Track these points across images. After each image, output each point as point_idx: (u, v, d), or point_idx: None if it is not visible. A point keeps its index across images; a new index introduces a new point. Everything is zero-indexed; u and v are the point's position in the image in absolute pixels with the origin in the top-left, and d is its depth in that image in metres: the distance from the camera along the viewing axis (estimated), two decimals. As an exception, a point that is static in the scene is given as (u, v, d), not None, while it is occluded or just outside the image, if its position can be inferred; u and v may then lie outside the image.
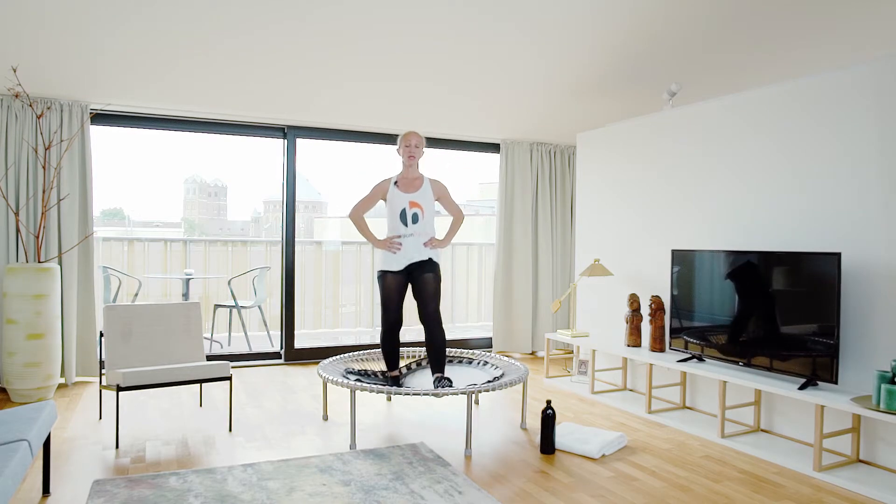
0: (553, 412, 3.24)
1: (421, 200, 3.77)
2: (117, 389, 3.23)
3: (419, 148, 3.82)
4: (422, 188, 3.80)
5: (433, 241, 3.78)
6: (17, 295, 4.07)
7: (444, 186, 3.90)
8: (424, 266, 3.74)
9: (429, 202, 3.81)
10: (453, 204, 3.96)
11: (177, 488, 2.67)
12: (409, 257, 3.74)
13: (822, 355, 3.11)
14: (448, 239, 3.88)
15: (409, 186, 3.80)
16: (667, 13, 4.08)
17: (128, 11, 3.71)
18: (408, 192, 3.78)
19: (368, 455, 3.12)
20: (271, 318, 6.34)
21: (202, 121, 5.13)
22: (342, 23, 4.00)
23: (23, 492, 2.67)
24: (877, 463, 3.05)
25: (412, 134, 3.83)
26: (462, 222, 3.97)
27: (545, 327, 6.04)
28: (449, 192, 3.92)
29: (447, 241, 3.86)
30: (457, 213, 3.97)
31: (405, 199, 3.76)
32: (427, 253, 3.75)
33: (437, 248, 3.79)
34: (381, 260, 3.81)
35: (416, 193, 3.78)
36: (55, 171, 4.48)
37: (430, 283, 3.71)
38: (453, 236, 3.93)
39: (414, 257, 3.74)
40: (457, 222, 3.96)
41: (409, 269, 3.76)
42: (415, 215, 3.74)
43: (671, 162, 4.33)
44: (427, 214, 3.78)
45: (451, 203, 3.95)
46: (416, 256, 3.74)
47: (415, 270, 3.74)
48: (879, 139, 3.09)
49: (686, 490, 2.78)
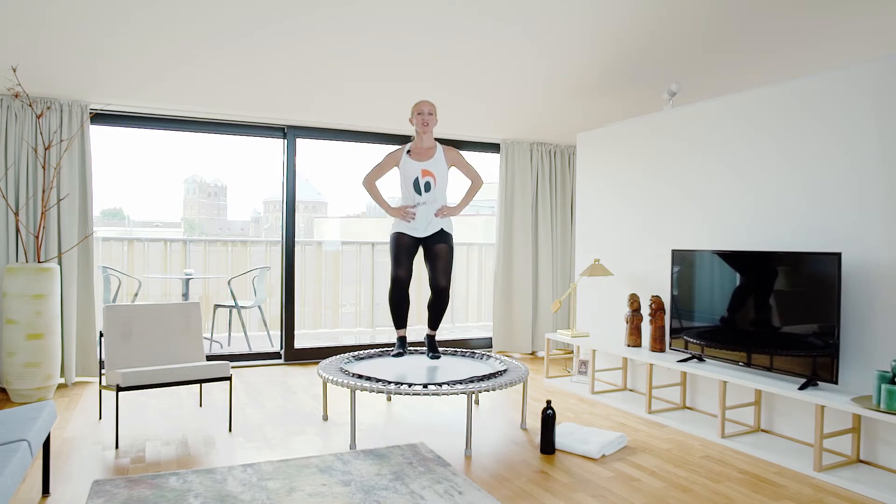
0: (553, 412, 3.24)
1: (434, 169, 3.78)
2: (117, 389, 3.23)
3: (432, 116, 3.82)
4: (435, 156, 3.81)
5: (444, 210, 3.79)
6: (17, 295, 4.06)
7: (458, 152, 3.90)
8: (437, 237, 3.78)
9: (442, 170, 3.81)
10: (470, 168, 3.93)
11: (177, 488, 2.67)
12: (424, 229, 3.78)
13: (822, 355, 3.11)
14: (461, 206, 3.87)
15: (422, 155, 3.81)
16: (667, 13, 4.08)
17: (128, 11, 3.71)
18: (421, 161, 3.79)
19: (368, 455, 3.12)
20: (271, 318, 6.34)
21: (202, 121, 5.13)
22: (342, 23, 4.00)
23: (22, 492, 2.67)
24: (877, 463, 3.05)
25: (424, 102, 3.84)
26: (480, 187, 3.94)
27: (545, 327, 6.04)
28: (463, 157, 3.90)
29: (459, 209, 3.86)
30: (475, 177, 3.93)
31: (418, 168, 3.77)
32: (439, 224, 3.78)
33: (449, 216, 3.81)
34: (396, 223, 3.85)
35: (429, 162, 3.79)
36: (55, 171, 4.48)
37: (443, 252, 3.76)
38: (468, 202, 3.91)
39: (430, 228, 3.78)
40: (474, 187, 3.93)
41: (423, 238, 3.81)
42: (427, 184, 3.76)
43: (671, 162, 4.32)
44: (440, 183, 3.80)
45: (468, 167, 3.92)
46: (429, 228, 3.78)
47: (428, 240, 3.80)
48: (880, 139, 3.09)
49: (686, 490, 2.78)
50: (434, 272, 3.81)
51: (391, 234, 3.87)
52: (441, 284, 3.80)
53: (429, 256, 3.82)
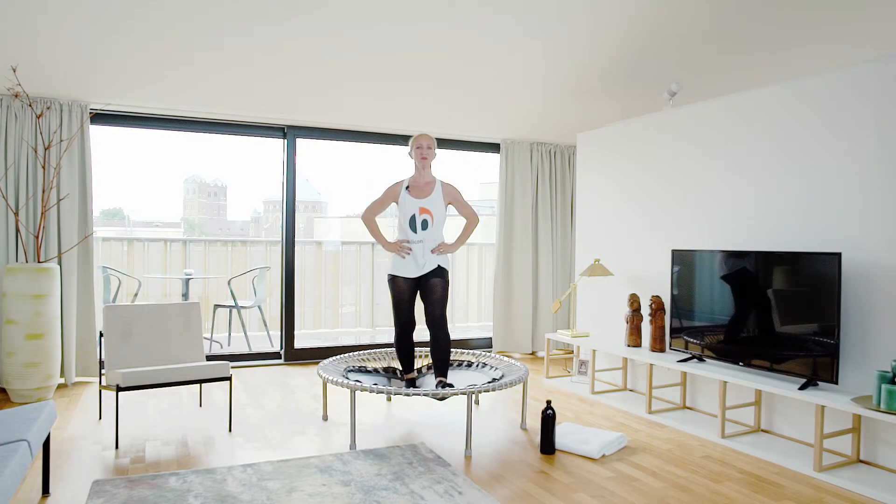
0: (553, 412, 3.24)
1: (431, 207, 3.74)
2: (117, 389, 3.23)
3: (431, 149, 3.78)
4: (433, 193, 3.76)
5: (441, 247, 3.75)
6: (17, 295, 4.06)
7: (457, 190, 3.84)
8: (433, 272, 3.73)
9: (439, 208, 3.77)
10: (467, 207, 3.89)
11: (176, 488, 2.67)
12: (419, 267, 3.71)
13: (822, 355, 3.10)
14: (458, 243, 3.83)
15: (420, 192, 3.76)
16: (667, 13, 4.08)
17: (128, 11, 3.71)
18: (418, 198, 3.74)
19: (368, 455, 3.12)
20: (271, 319, 6.34)
21: (202, 121, 5.13)
22: (342, 23, 3.99)
23: (22, 492, 2.67)
24: (877, 463, 3.05)
25: (423, 136, 3.79)
26: (476, 225, 3.91)
27: (545, 327, 6.04)
28: (461, 195, 3.86)
29: (457, 246, 3.81)
30: (471, 216, 3.90)
31: (416, 206, 3.73)
32: (435, 261, 3.73)
33: (446, 252, 3.76)
34: (392, 265, 3.79)
35: (427, 199, 3.74)
36: (55, 171, 4.48)
37: (437, 287, 3.70)
38: (465, 240, 3.88)
39: (423, 268, 3.71)
40: (470, 226, 3.90)
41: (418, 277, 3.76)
42: (424, 222, 3.72)
43: (671, 162, 4.32)
44: (437, 221, 3.75)
45: (465, 206, 3.89)
46: (425, 267, 3.71)
47: (423, 277, 3.74)
48: (880, 139, 3.09)
49: (686, 490, 2.78)
50: (428, 305, 3.73)
51: (388, 276, 3.81)
52: (437, 319, 3.71)
53: (424, 291, 3.75)
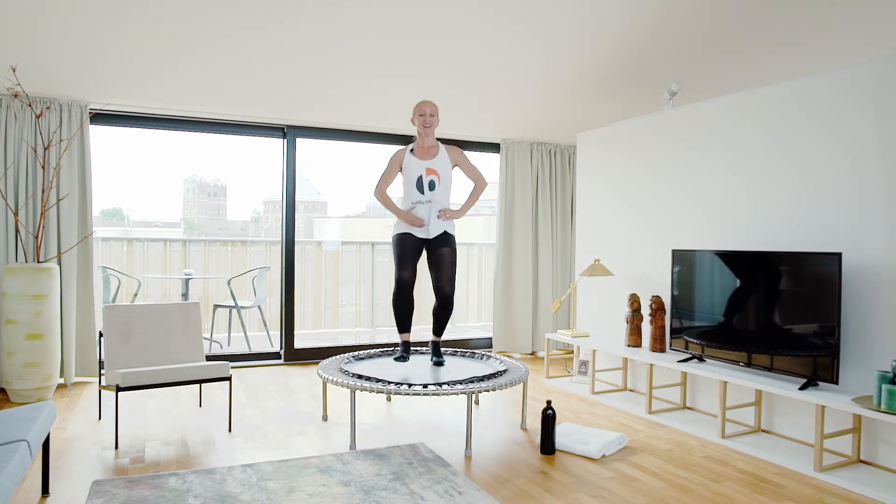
0: (553, 412, 3.24)
1: (438, 167, 3.73)
2: (117, 389, 3.23)
3: (434, 116, 3.77)
4: (438, 155, 3.76)
5: (447, 212, 3.75)
6: (17, 295, 4.06)
7: (461, 151, 3.84)
8: (440, 240, 3.73)
9: (446, 169, 3.76)
10: (473, 168, 3.87)
11: (176, 489, 2.66)
12: (427, 228, 3.72)
13: (822, 355, 3.10)
14: (465, 208, 3.80)
15: (425, 154, 3.75)
16: (667, 12, 4.08)
17: (127, 10, 3.70)
18: (424, 160, 3.74)
19: (368, 455, 3.12)
20: (271, 319, 6.34)
21: (202, 121, 5.13)
22: (342, 22, 3.99)
23: (22, 492, 2.66)
24: (877, 463, 3.04)
25: (426, 103, 3.79)
26: (484, 188, 3.87)
27: (545, 327, 6.03)
28: (466, 157, 3.86)
29: (463, 211, 3.79)
30: (478, 177, 3.87)
31: (422, 167, 3.72)
32: (442, 225, 3.73)
33: (451, 218, 3.76)
34: (398, 224, 3.79)
35: (433, 160, 3.74)
36: (54, 171, 4.47)
37: (447, 257, 3.71)
38: (472, 204, 3.84)
39: (434, 230, 3.72)
40: (478, 189, 3.86)
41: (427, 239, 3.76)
42: (431, 182, 3.71)
43: (671, 162, 4.32)
44: (444, 182, 3.74)
45: (471, 167, 3.86)
46: (433, 230, 3.72)
47: (431, 243, 3.75)
48: (880, 139, 3.09)
49: (686, 490, 2.78)
50: (439, 279, 3.74)
51: (394, 234, 3.81)
52: (446, 291, 3.73)
53: (432, 261, 3.76)
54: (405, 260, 3.75)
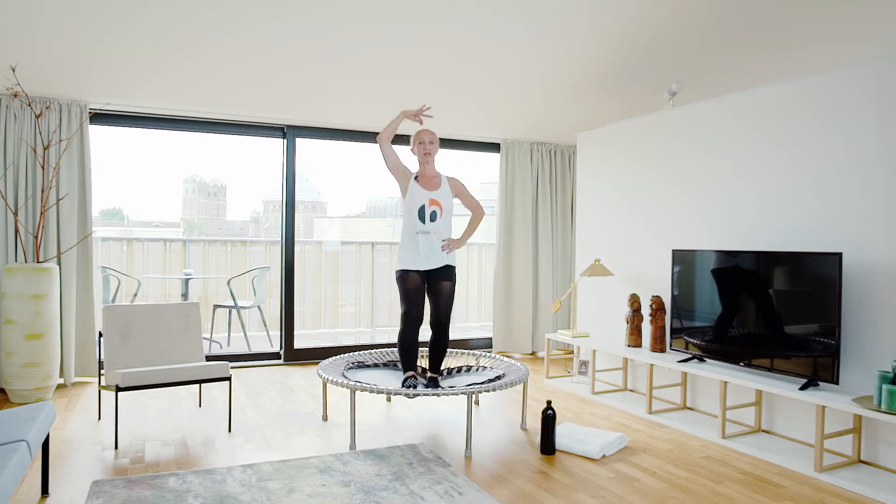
0: (553, 413, 3.24)
1: (440, 199, 3.72)
2: (116, 390, 3.22)
3: (434, 144, 3.75)
4: (441, 187, 3.75)
5: (450, 243, 3.74)
6: (16, 295, 4.06)
7: (461, 183, 3.84)
8: (442, 273, 3.71)
9: (448, 201, 3.76)
10: (472, 199, 3.88)
11: (176, 489, 2.66)
12: (431, 261, 3.69)
13: (823, 355, 3.10)
14: (465, 238, 3.81)
15: (429, 184, 3.74)
16: (667, 12, 4.08)
17: (127, 10, 3.70)
18: (428, 190, 3.73)
19: (368, 455, 3.11)
20: (271, 319, 6.33)
21: (202, 121, 5.13)
22: (342, 21, 3.99)
23: (22, 492, 2.66)
24: (878, 463, 3.04)
25: (424, 131, 3.77)
26: (481, 218, 3.89)
27: (545, 327, 6.03)
28: (466, 188, 3.86)
29: (463, 241, 3.79)
30: (476, 209, 3.88)
31: (426, 196, 3.70)
32: (444, 259, 3.72)
33: (455, 248, 3.75)
34: (402, 260, 3.77)
35: (436, 192, 3.72)
36: (54, 171, 4.47)
37: (447, 290, 3.71)
38: (472, 234, 3.86)
39: (436, 262, 3.70)
40: (476, 219, 3.88)
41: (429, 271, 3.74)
42: (433, 213, 3.69)
43: (672, 161, 4.32)
44: (445, 213, 3.73)
45: (470, 199, 3.87)
46: (437, 262, 3.70)
47: (433, 274, 3.73)
48: (880, 139, 3.08)
49: (687, 491, 2.77)
50: (437, 309, 3.72)
51: (396, 271, 3.76)
52: (442, 320, 3.72)
53: (432, 292, 3.73)
54: (411, 296, 3.70)
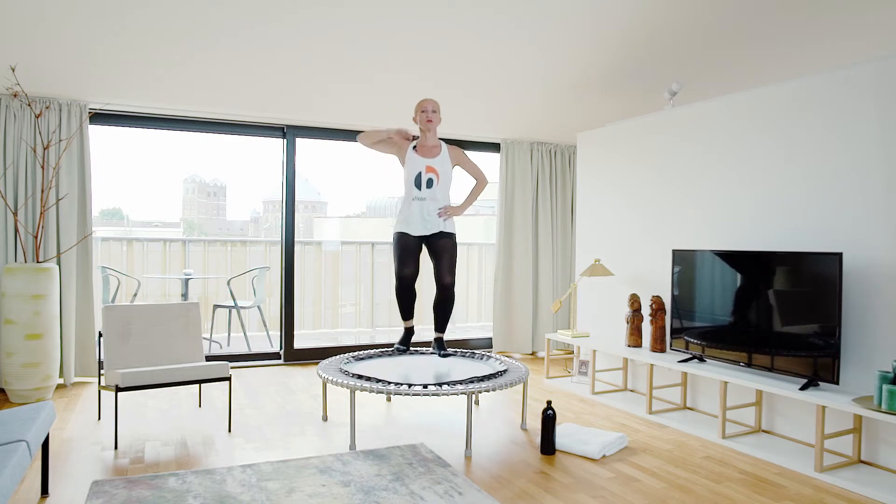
0: (553, 413, 3.24)
1: (438, 166, 3.76)
2: (116, 390, 3.22)
3: (436, 113, 3.81)
4: (440, 155, 3.79)
5: (447, 209, 3.77)
6: (16, 295, 4.05)
7: (462, 151, 3.88)
8: (438, 235, 3.76)
9: (446, 168, 3.79)
10: (474, 166, 3.91)
11: (176, 489, 2.66)
12: (426, 226, 3.74)
13: (823, 355, 3.10)
14: (466, 205, 3.84)
15: (427, 152, 3.79)
16: (668, 12, 4.07)
17: (126, 11, 3.70)
18: (425, 157, 3.77)
19: (368, 456, 3.11)
20: (270, 319, 6.33)
21: (201, 120, 5.12)
22: (342, 21, 3.99)
23: (21, 493, 2.66)
24: (878, 464, 3.04)
25: (427, 100, 3.83)
26: (485, 186, 3.91)
27: (545, 327, 6.03)
28: (467, 156, 3.89)
29: (463, 208, 3.82)
30: (479, 175, 3.91)
31: (422, 164, 3.75)
32: (440, 226, 3.75)
33: (452, 215, 3.78)
34: (398, 223, 3.83)
35: (434, 159, 3.77)
36: (54, 171, 4.47)
37: (446, 247, 3.75)
38: (473, 201, 3.88)
39: (431, 228, 3.74)
40: (479, 186, 3.90)
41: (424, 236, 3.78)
42: (430, 180, 3.74)
43: (672, 161, 4.32)
44: (442, 181, 3.77)
45: (472, 166, 3.90)
46: (431, 227, 3.74)
47: (430, 239, 3.77)
48: (880, 139, 3.08)
49: (687, 491, 2.77)
50: (438, 268, 3.79)
51: (393, 233, 3.86)
52: (445, 280, 3.78)
53: (432, 253, 3.81)
54: (405, 257, 3.79)
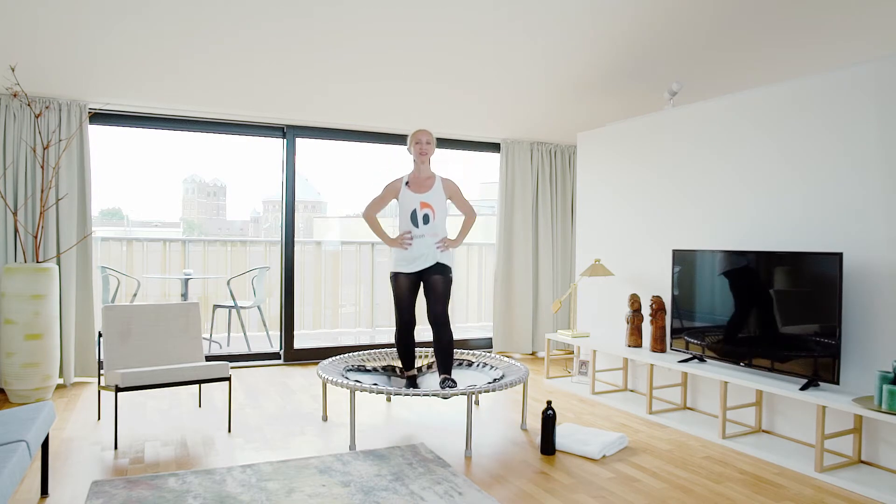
0: (553, 413, 3.23)
1: (432, 201, 3.74)
2: (116, 390, 3.22)
3: (430, 145, 3.77)
4: (433, 188, 3.76)
5: (446, 242, 3.75)
6: (16, 295, 4.05)
7: (456, 185, 3.85)
8: (435, 268, 3.72)
9: (440, 202, 3.77)
10: (465, 203, 3.90)
11: (176, 489, 2.66)
12: (422, 261, 3.70)
13: (823, 356, 3.10)
14: (460, 238, 3.84)
15: (420, 186, 3.76)
16: (668, 12, 4.07)
17: (126, 11, 3.70)
18: (419, 193, 3.74)
19: (368, 456, 3.11)
20: (270, 319, 6.33)
21: (201, 120, 5.12)
22: (342, 22, 3.99)
23: (21, 493, 2.66)
24: (878, 464, 3.04)
25: (422, 132, 3.79)
26: (474, 221, 3.92)
27: (545, 327, 6.03)
28: (461, 191, 3.88)
29: (459, 241, 3.83)
30: (469, 211, 3.91)
31: (416, 200, 3.73)
32: (437, 257, 3.72)
33: (450, 248, 3.76)
34: (394, 262, 3.79)
35: (428, 194, 3.74)
36: (53, 171, 4.46)
37: (438, 284, 3.70)
38: (465, 235, 3.89)
39: (426, 262, 3.71)
40: (468, 221, 3.91)
41: (421, 272, 3.75)
42: (426, 216, 3.71)
43: (672, 161, 4.32)
44: (438, 215, 3.75)
45: (464, 202, 3.90)
46: (427, 261, 3.71)
47: (426, 272, 3.74)
48: (881, 139, 3.08)
49: (687, 491, 2.77)
50: (430, 302, 3.72)
51: (390, 273, 3.83)
52: (437, 309, 3.69)
53: (427, 288, 3.75)
54: (404, 302, 3.78)
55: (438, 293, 3.70)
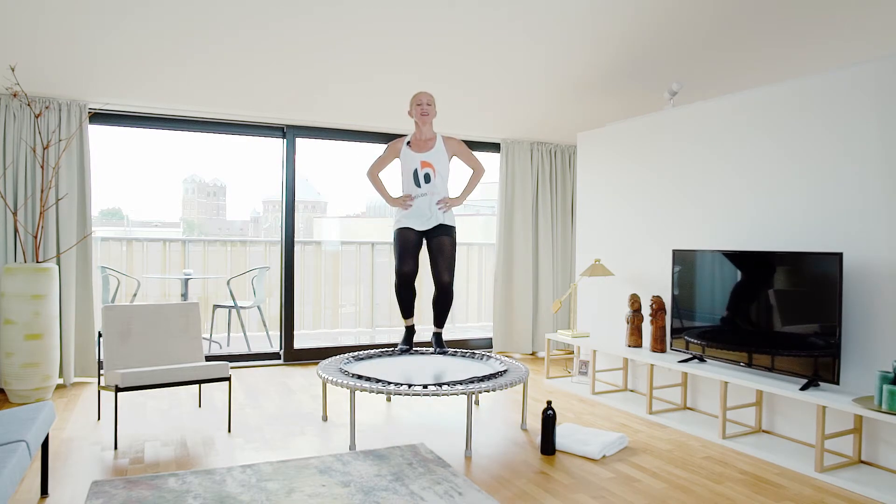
0: (553, 413, 3.23)
1: (433, 160, 3.76)
2: (116, 390, 3.22)
3: (431, 106, 3.81)
4: (434, 147, 3.79)
5: (447, 201, 3.77)
6: (15, 295, 4.05)
7: (460, 142, 3.87)
8: (439, 229, 3.75)
9: (442, 161, 3.78)
10: (472, 157, 3.90)
11: (175, 489, 2.66)
12: (424, 220, 3.74)
13: (823, 356, 3.10)
14: (464, 195, 3.84)
15: (421, 146, 3.79)
16: (668, 12, 4.07)
17: (126, 10, 3.70)
18: (420, 152, 3.77)
19: (368, 456, 3.11)
20: (270, 319, 6.33)
21: (201, 120, 5.12)
22: (341, 22, 3.99)
23: (21, 493, 2.66)
24: (878, 464, 3.04)
25: (423, 93, 3.83)
26: (482, 175, 3.91)
27: (545, 327, 6.03)
28: (465, 146, 3.88)
29: (462, 199, 3.83)
30: (476, 165, 3.90)
31: (417, 160, 3.76)
32: (440, 218, 3.75)
33: (452, 206, 3.78)
34: (398, 217, 3.84)
35: (429, 153, 3.77)
36: (53, 171, 4.46)
37: (445, 246, 3.74)
38: (471, 191, 3.88)
39: (429, 221, 3.75)
40: (476, 176, 3.89)
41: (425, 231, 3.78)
42: (427, 175, 3.74)
43: (672, 161, 4.32)
44: (440, 174, 3.77)
45: (469, 156, 3.89)
46: (430, 220, 3.75)
47: (431, 233, 3.77)
48: (881, 139, 3.08)
49: (687, 491, 2.77)
50: (437, 267, 3.79)
51: (394, 229, 3.87)
52: (444, 279, 3.77)
53: (431, 250, 3.81)
54: (405, 254, 3.80)
55: (446, 255, 3.74)
